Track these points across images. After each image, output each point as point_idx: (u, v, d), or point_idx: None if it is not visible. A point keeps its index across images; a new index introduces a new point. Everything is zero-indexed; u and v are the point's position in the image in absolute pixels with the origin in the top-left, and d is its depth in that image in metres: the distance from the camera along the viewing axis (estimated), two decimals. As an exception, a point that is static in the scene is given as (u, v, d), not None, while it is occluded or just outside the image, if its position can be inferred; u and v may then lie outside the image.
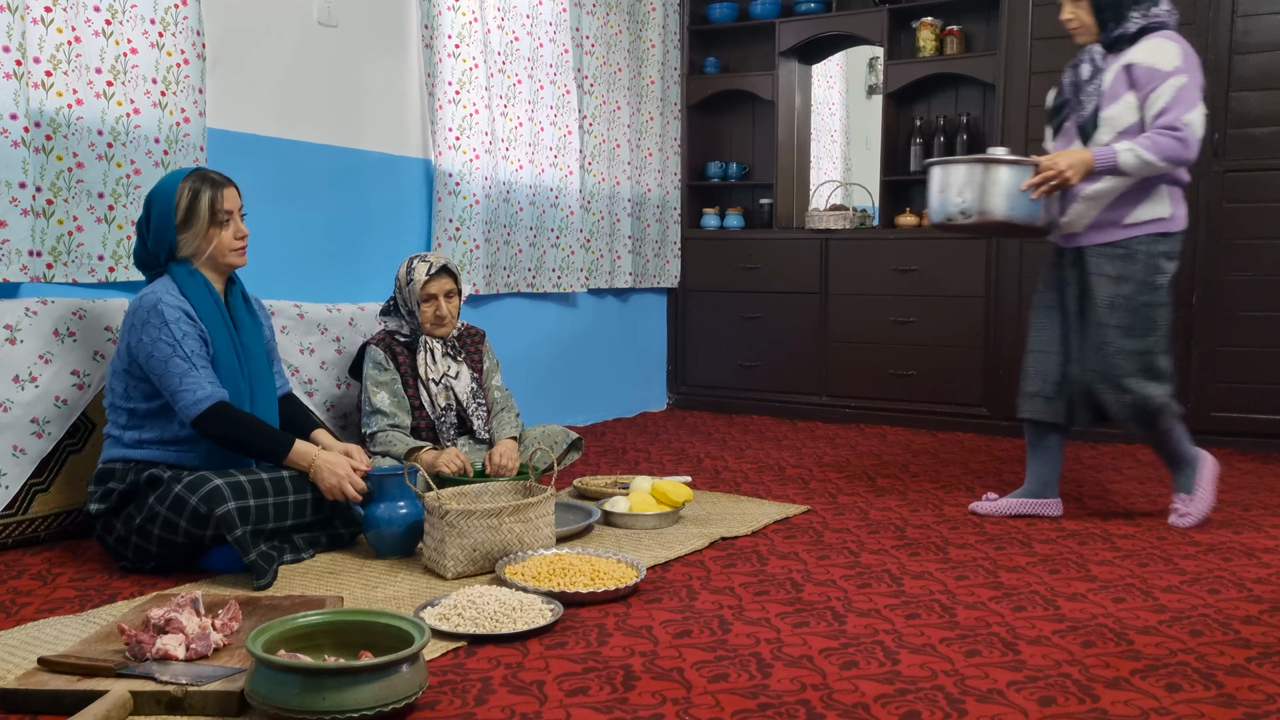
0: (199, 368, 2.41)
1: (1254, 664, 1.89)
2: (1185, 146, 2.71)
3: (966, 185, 2.80)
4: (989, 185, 2.78)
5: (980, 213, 2.79)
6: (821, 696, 1.73)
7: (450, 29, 3.94)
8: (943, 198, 2.85)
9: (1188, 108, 2.72)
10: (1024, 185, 2.74)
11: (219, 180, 2.52)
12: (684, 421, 4.98)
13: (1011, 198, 2.77)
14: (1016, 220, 2.80)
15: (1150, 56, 2.76)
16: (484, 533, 2.41)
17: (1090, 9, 2.86)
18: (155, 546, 2.36)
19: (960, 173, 2.82)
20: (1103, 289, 2.85)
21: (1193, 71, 2.75)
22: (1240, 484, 3.53)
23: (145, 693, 1.64)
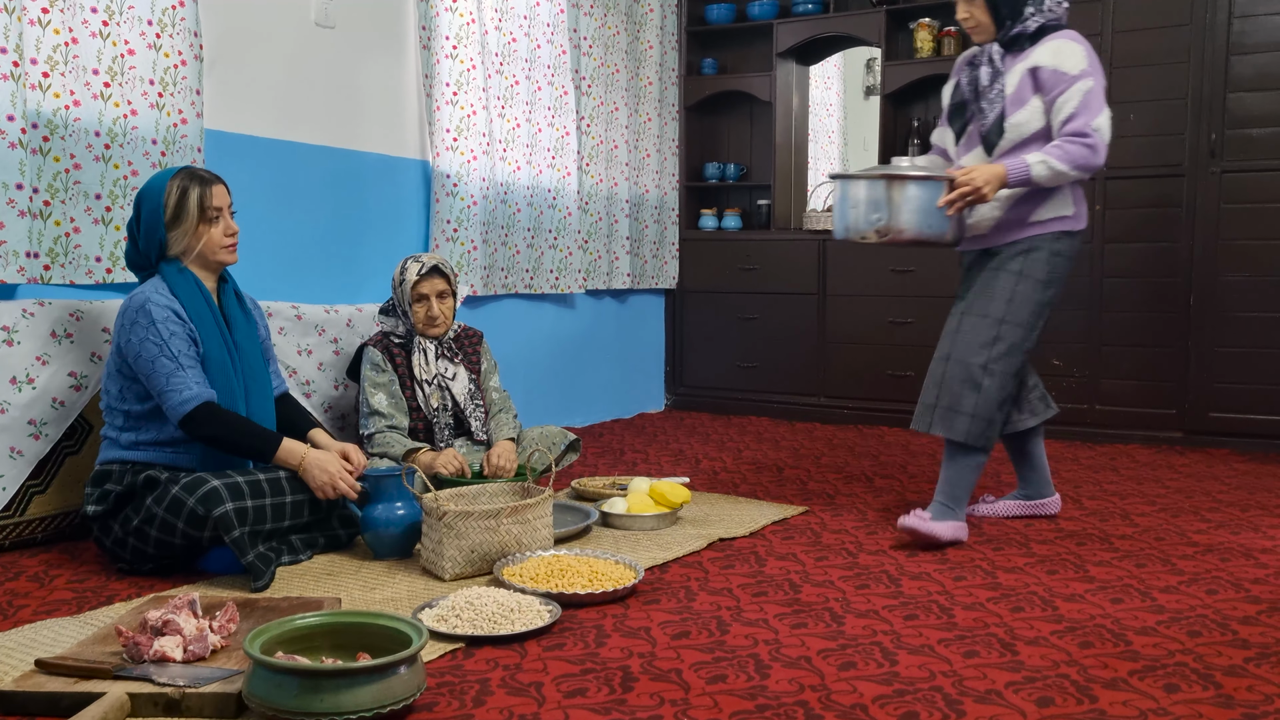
0: (186, 368, 2.40)
1: (1252, 664, 1.89)
2: (1095, 153, 2.65)
3: (874, 201, 2.68)
4: (898, 201, 2.67)
5: (888, 230, 2.68)
6: (820, 697, 1.73)
7: (448, 30, 3.94)
8: (849, 213, 2.73)
9: (1096, 112, 2.66)
10: (940, 202, 2.65)
11: (207, 177, 2.51)
12: (682, 422, 4.98)
13: (921, 214, 2.67)
14: (926, 237, 2.70)
15: (1055, 59, 2.69)
16: (482, 534, 2.41)
17: (986, 7, 2.76)
18: (152, 548, 2.36)
19: (867, 188, 2.70)
20: (1003, 283, 2.76)
21: (1098, 74, 2.69)
22: (1238, 485, 3.53)
23: (143, 695, 1.64)
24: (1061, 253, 2.77)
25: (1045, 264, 2.75)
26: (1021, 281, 2.74)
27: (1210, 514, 3.10)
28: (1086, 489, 3.46)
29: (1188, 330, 4.26)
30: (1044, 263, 2.75)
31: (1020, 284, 2.74)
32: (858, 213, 2.70)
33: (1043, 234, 2.76)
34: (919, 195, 2.66)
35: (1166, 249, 4.29)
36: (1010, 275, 2.76)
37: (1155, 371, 4.33)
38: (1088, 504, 3.24)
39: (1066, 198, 2.78)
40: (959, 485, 2.78)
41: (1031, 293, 2.74)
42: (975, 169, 2.67)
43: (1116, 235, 4.37)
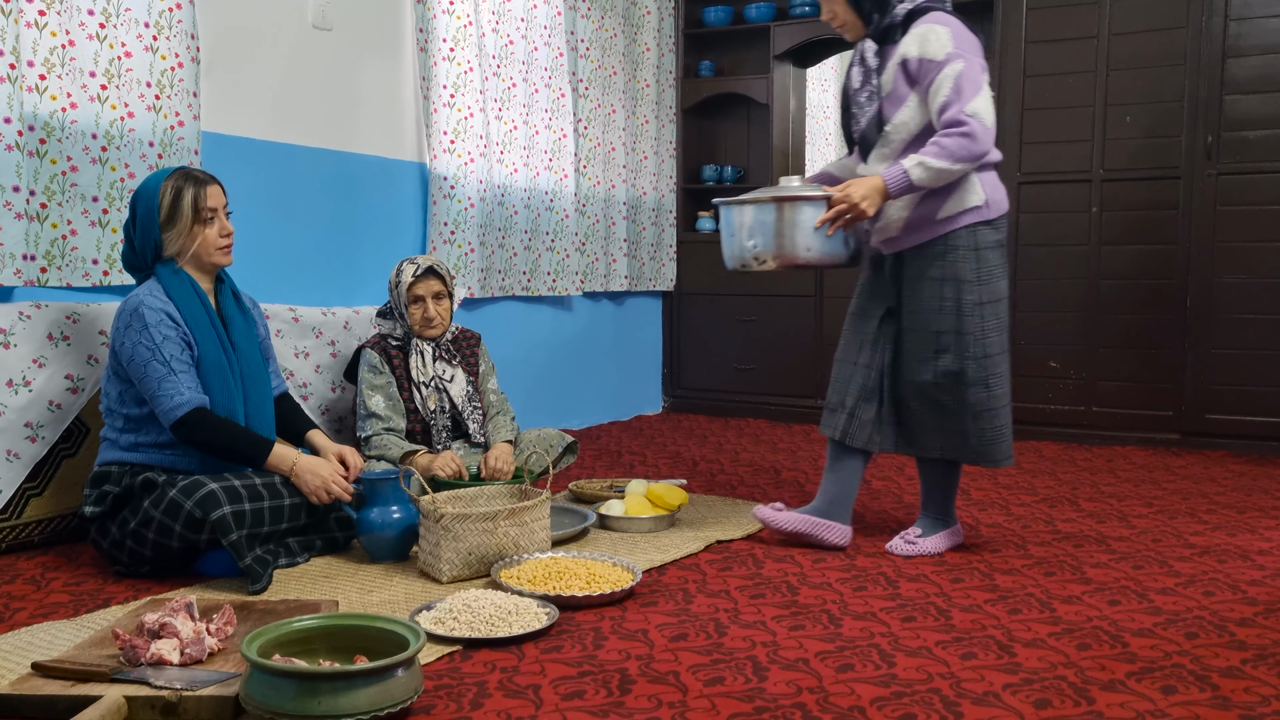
0: (178, 372, 2.39)
1: (1249, 666, 1.89)
2: (975, 140, 2.45)
3: (761, 226, 2.54)
4: (786, 225, 2.53)
5: (778, 255, 2.55)
6: (817, 699, 1.73)
7: (445, 33, 3.94)
8: (736, 241, 2.60)
9: (970, 96, 2.45)
10: (817, 223, 2.51)
11: (202, 178, 2.50)
12: (679, 425, 4.98)
13: (812, 235, 2.52)
14: (818, 260, 2.56)
15: (922, 47, 2.49)
16: (479, 536, 2.41)
17: (848, 4, 2.59)
18: (150, 551, 2.35)
19: (755, 212, 2.56)
20: (928, 293, 2.59)
21: (969, 54, 2.48)
22: (1234, 486, 3.53)
23: (140, 698, 1.64)
24: (983, 245, 2.57)
25: (967, 262, 2.56)
26: (945, 286, 2.57)
27: (1207, 516, 3.10)
28: (1083, 491, 3.46)
29: (1184, 332, 4.26)
30: (965, 261, 2.56)
31: (945, 289, 2.57)
32: (748, 239, 2.56)
33: (955, 230, 2.56)
34: (810, 216, 2.52)
35: (1163, 251, 4.30)
36: (933, 284, 2.58)
37: (1152, 373, 4.33)
38: (1085, 506, 3.24)
39: (974, 187, 2.56)
40: (953, 498, 2.75)
41: (964, 296, 2.56)
42: (852, 184, 2.51)
43: (1113, 237, 4.37)
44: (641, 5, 5.13)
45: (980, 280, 2.57)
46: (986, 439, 2.59)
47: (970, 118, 2.44)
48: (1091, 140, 4.38)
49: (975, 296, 2.57)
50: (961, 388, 2.58)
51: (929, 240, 2.60)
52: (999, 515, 3.11)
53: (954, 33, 2.49)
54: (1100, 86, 4.35)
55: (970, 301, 2.56)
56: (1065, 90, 4.42)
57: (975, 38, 2.54)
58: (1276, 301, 4.11)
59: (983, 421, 2.59)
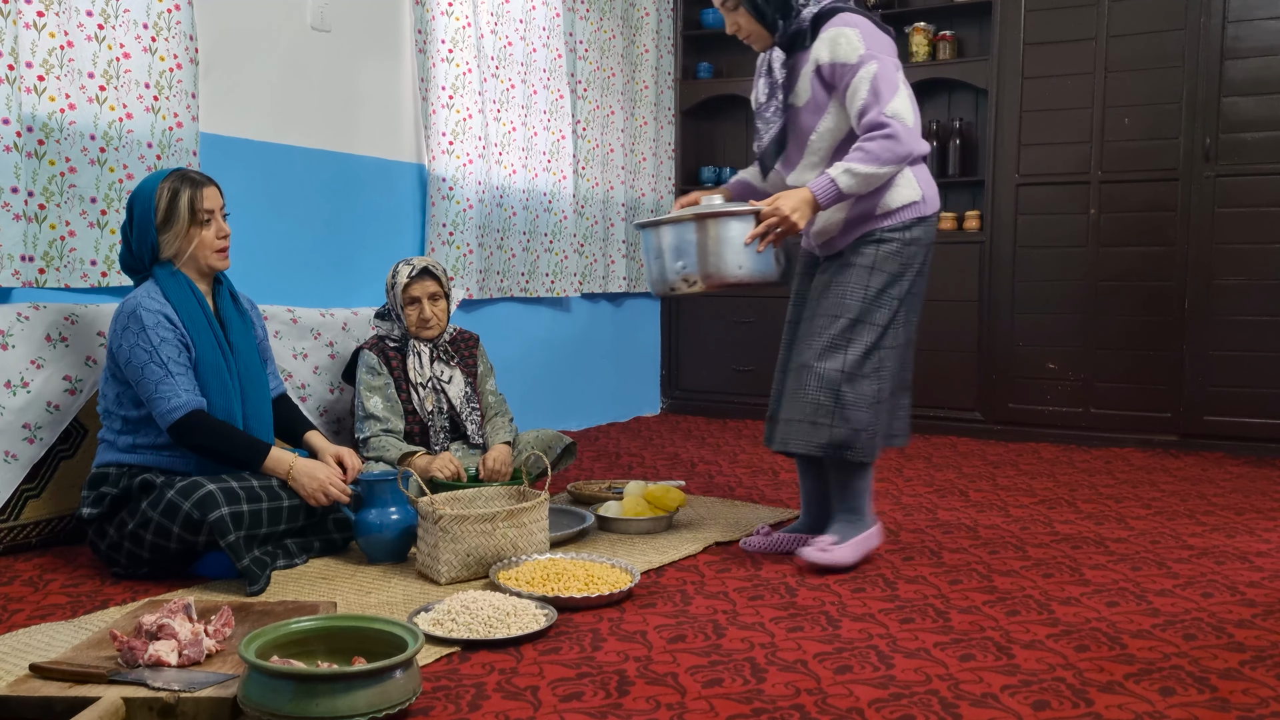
0: (175, 375, 2.39)
1: (1247, 667, 1.89)
2: (899, 141, 2.39)
3: (689, 246, 2.41)
4: (715, 243, 2.40)
5: (707, 276, 2.41)
6: (816, 701, 1.73)
7: (444, 34, 3.94)
8: (661, 264, 2.46)
9: (888, 97, 2.39)
10: (746, 239, 2.43)
11: (199, 179, 2.50)
12: (678, 426, 4.98)
13: (742, 254, 2.41)
14: (750, 279, 2.44)
15: (833, 51, 2.43)
16: (478, 538, 2.40)
17: (750, 14, 2.52)
18: (148, 552, 2.35)
19: (679, 233, 2.43)
20: (853, 278, 2.50)
21: (882, 53, 2.42)
22: (1232, 488, 3.53)
23: (138, 699, 1.63)
24: (916, 240, 2.52)
25: (897, 255, 2.50)
26: (874, 275, 2.50)
27: (1205, 517, 3.10)
28: (1082, 492, 3.47)
29: (1183, 334, 4.27)
30: (895, 254, 2.50)
31: (872, 278, 2.50)
32: (674, 260, 2.42)
33: (893, 224, 2.51)
34: (742, 232, 2.41)
35: (1161, 253, 4.30)
36: (861, 270, 2.50)
37: (1150, 375, 4.33)
38: (1083, 507, 3.24)
39: (910, 183, 2.52)
40: (854, 496, 2.56)
41: (885, 286, 2.50)
42: (780, 198, 2.44)
43: (1111, 239, 4.38)
44: (640, 7, 5.13)
45: (900, 275, 2.51)
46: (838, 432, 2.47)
47: (891, 119, 2.39)
48: (1090, 142, 4.39)
49: (895, 290, 2.51)
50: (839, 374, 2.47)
51: (864, 234, 2.53)
52: (997, 517, 3.11)
53: (864, 33, 2.43)
54: (1098, 88, 4.36)
55: (891, 295, 2.50)
56: (1063, 92, 4.43)
57: (886, 35, 2.49)
58: (1274, 303, 4.11)
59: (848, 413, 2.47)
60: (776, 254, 2.47)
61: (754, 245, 2.41)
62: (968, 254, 4.64)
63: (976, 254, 4.62)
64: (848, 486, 2.56)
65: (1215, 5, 4.14)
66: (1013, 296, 4.56)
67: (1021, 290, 4.54)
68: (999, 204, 4.58)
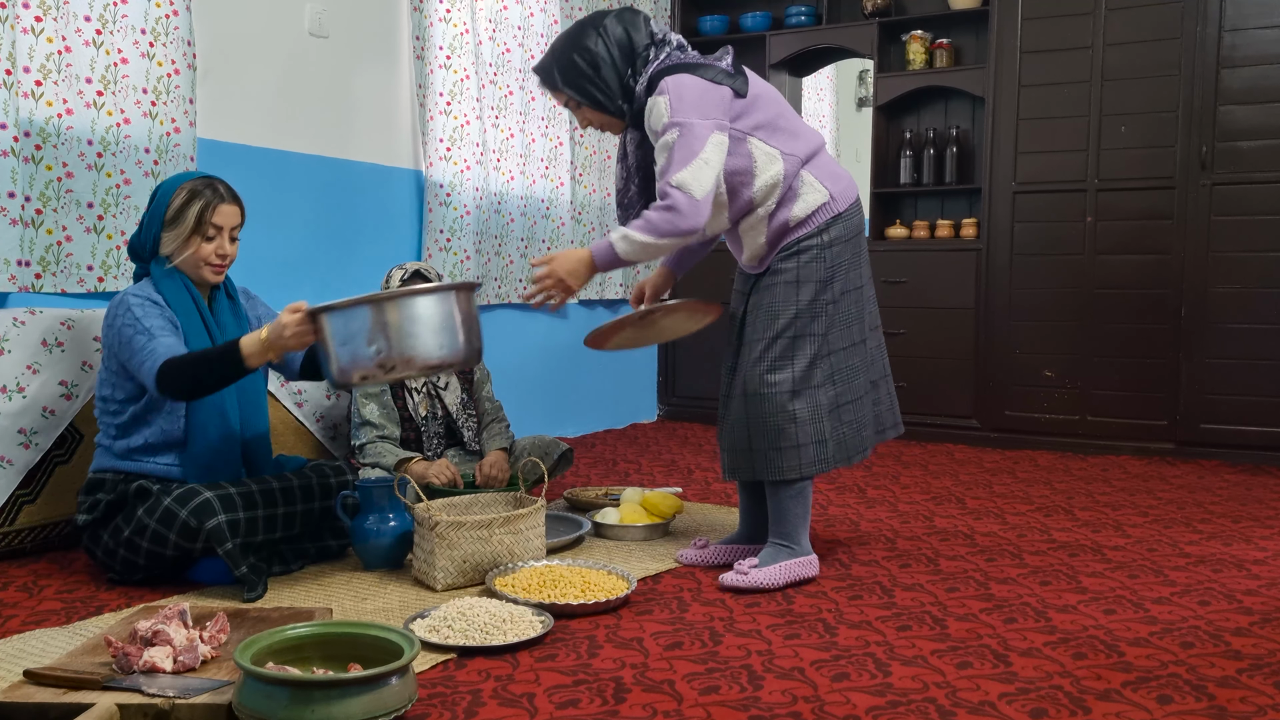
0: (156, 337, 2.33)
1: (1245, 675, 1.89)
2: (678, 214, 2.31)
3: (378, 330, 2.16)
4: (394, 325, 2.16)
5: (404, 361, 2.18)
6: (813, 709, 1.72)
7: (442, 40, 3.94)
8: (349, 350, 2.18)
9: (678, 167, 2.32)
10: (522, 297, 2.30)
11: (222, 194, 2.45)
12: (674, 433, 4.98)
13: (441, 334, 2.20)
14: (436, 361, 2.22)
15: (649, 121, 2.41)
16: (474, 544, 2.40)
17: (594, 109, 2.49)
18: (143, 559, 2.34)
19: (346, 320, 2.17)
20: (781, 295, 2.45)
21: (690, 117, 2.34)
22: (1229, 496, 3.54)
23: (132, 705, 1.63)
24: (836, 239, 2.46)
25: (819, 261, 2.45)
26: (801, 288, 2.44)
27: (1202, 525, 3.10)
28: (1078, 500, 3.47)
29: (1179, 341, 4.27)
30: (817, 260, 2.44)
31: (800, 291, 2.44)
32: (368, 344, 2.17)
33: (808, 232, 2.45)
34: (439, 312, 2.20)
35: (1158, 261, 4.31)
36: (787, 286, 2.45)
37: (1147, 383, 4.34)
38: (1080, 515, 3.24)
39: (813, 186, 2.45)
40: (788, 522, 2.49)
41: (815, 295, 2.44)
42: (555, 259, 2.42)
43: (1108, 247, 4.38)
44: (638, 14, 5.13)
45: (829, 280, 2.45)
46: (788, 457, 2.43)
47: (674, 189, 2.33)
48: (1086, 150, 4.40)
49: (826, 295, 2.45)
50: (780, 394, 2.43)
51: (783, 248, 2.48)
52: (994, 524, 3.11)
53: (673, 99, 2.36)
54: (1095, 96, 4.37)
55: (823, 301, 2.45)
56: (1060, 100, 4.44)
57: (718, 90, 2.38)
58: (1271, 311, 4.11)
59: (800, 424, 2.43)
60: (470, 335, 2.27)
61: (452, 325, 2.23)
62: (964, 261, 4.65)
63: (973, 261, 4.63)
64: (783, 513, 2.50)
65: (1211, 14, 4.15)
66: (1009, 304, 4.56)
67: (1018, 298, 4.55)
68: (996, 212, 4.59)
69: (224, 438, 2.47)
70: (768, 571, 2.42)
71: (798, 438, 2.43)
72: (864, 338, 2.55)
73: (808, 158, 2.48)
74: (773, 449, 2.44)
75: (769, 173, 2.43)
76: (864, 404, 2.53)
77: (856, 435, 2.52)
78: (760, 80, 2.52)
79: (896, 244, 4.83)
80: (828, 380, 2.47)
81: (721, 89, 2.40)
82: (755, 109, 2.45)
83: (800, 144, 2.47)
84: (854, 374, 2.51)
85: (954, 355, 4.68)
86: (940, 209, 5.00)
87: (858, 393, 2.52)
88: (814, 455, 2.45)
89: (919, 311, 4.72)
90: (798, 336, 2.45)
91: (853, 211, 2.51)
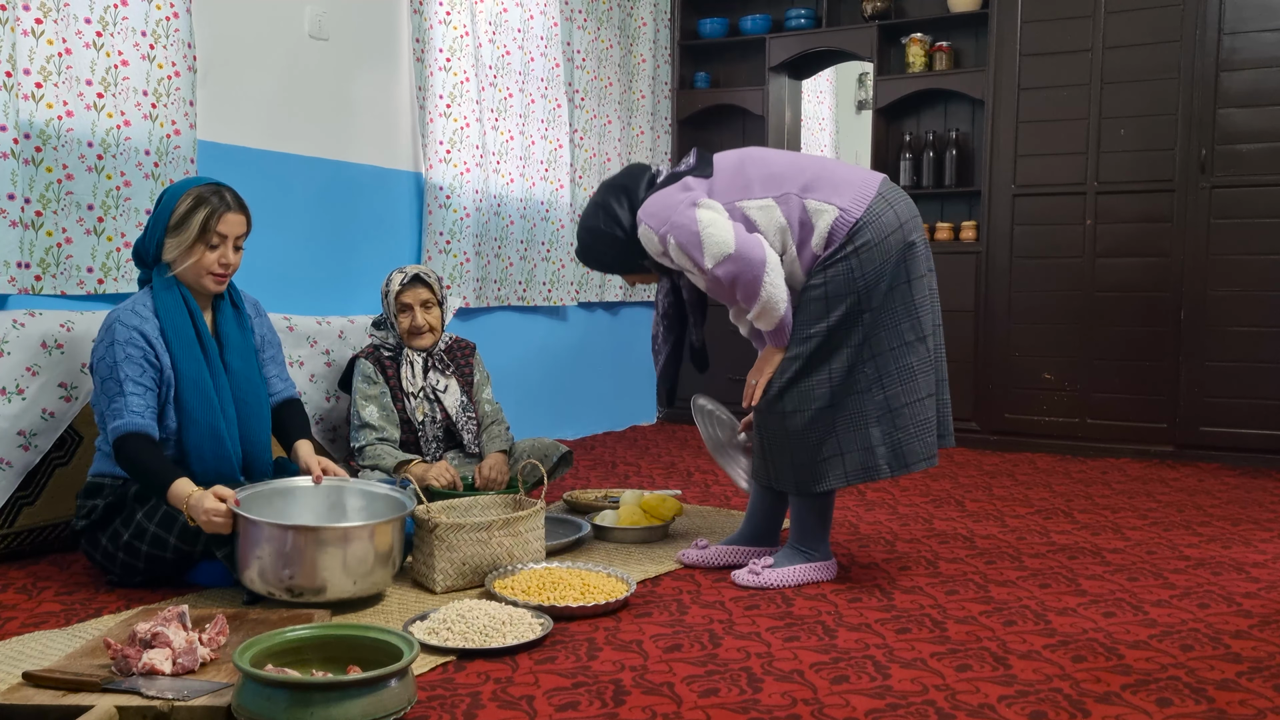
0: (128, 394, 2.31)
1: (1244, 678, 1.89)
2: (739, 274, 2.32)
3: (294, 555, 2.14)
4: (322, 557, 2.15)
5: (314, 591, 2.16)
6: (812, 711, 1.72)
7: (441, 43, 3.94)
8: (257, 566, 2.17)
9: (697, 253, 2.34)
10: (746, 402, 2.44)
11: (229, 202, 2.42)
12: (674, 435, 4.97)
13: (353, 570, 2.18)
14: (364, 594, 2.23)
15: (651, 254, 2.49)
16: (473, 546, 2.40)
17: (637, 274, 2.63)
18: (143, 562, 2.34)
19: (288, 540, 2.14)
20: (810, 314, 2.39)
21: (665, 221, 2.38)
22: (1229, 499, 3.53)
23: (131, 708, 1.63)
24: (866, 246, 2.36)
25: (849, 274, 2.36)
26: (831, 304, 2.37)
27: (1201, 528, 3.10)
28: (1078, 503, 3.46)
29: (1178, 344, 4.27)
30: (846, 273, 2.36)
31: (831, 307, 2.37)
32: (283, 567, 2.14)
33: (833, 249, 2.38)
34: (354, 549, 2.17)
35: (1157, 263, 4.31)
36: (816, 303, 2.39)
37: (1146, 385, 4.34)
38: (1079, 518, 3.24)
39: (819, 210, 2.38)
40: (811, 528, 2.50)
41: (848, 310, 2.37)
42: (759, 366, 2.47)
43: (1107, 250, 4.38)
44: (637, 17, 5.14)
45: (878, 283, 2.37)
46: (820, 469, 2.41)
47: (714, 268, 2.33)
48: (1086, 153, 4.40)
49: (866, 305, 2.37)
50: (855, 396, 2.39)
51: (814, 268, 2.43)
52: (994, 527, 3.11)
53: (650, 222, 2.41)
54: (1094, 99, 4.37)
55: (859, 311, 2.38)
56: (1060, 103, 4.44)
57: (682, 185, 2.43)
58: (1270, 314, 4.12)
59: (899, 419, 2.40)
60: (393, 564, 2.29)
61: (367, 561, 2.20)
62: (964, 264, 4.65)
63: (973, 264, 4.63)
64: (803, 519, 2.50)
65: (1211, 17, 4.16)
66: (1009, 307, 4.56)
67: (1018, 300, 4.55)
68: (995, 214, 4.59)
69: (219, 451, 2.43)
70: (781, 573, 2.45)
71: (823, 451, 2.40)
72: (922, 335, 2.41)
73: (803, 190, 2.40)
74: (796, 464, 2.42)
75: (772, 222, 2.40)
76: (928, 405, 2.42)
77: (915, 440, 2.41)
78: (735, 154, 2.52)
79: (896, 247, 4.83)
80: (873, 385, 2.38)
81: (687, 179, 2.45)
82: (731, 177, 2.44)
83: (788, 182, 2.41)
84: (910, 374, 2.40)
85: (953, 358, 4.64)
86: (940, 212, 5.00)
87: (917, 393, 2.40)
88: (847, 467, 2.39)
89: (918, 314, 4.71)
90: (829, 351, 2.38)
91: (878, 210, 2.38)
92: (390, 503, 2.42)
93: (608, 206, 2.53)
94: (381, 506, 2.43)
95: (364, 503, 2.45)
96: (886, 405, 2.39)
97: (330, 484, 2.44)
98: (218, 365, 2.47)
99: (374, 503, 2.44)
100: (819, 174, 2.44)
